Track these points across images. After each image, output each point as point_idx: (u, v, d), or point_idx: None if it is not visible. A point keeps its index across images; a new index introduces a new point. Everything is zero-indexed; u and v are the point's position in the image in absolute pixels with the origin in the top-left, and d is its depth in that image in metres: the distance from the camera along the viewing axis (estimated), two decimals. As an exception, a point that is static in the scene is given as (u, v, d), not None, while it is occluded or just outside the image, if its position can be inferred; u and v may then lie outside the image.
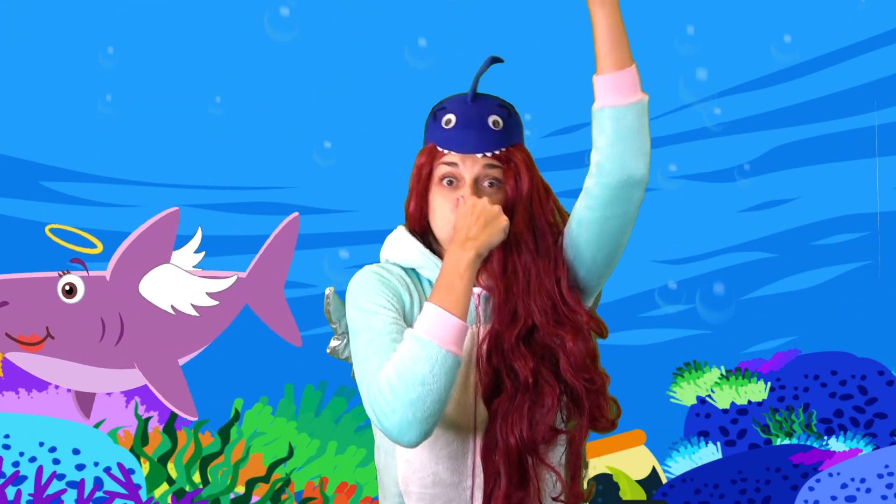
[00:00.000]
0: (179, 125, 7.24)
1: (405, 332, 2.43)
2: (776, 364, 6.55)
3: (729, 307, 7.33)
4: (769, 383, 6.41)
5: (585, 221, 2.55)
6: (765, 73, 7.60)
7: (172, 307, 5.23)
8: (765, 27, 7.53)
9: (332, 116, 7.34)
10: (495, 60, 2.64)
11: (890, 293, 7.28)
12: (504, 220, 2.50)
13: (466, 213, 2.48)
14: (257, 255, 5.56)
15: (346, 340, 2.77)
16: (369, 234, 7.24)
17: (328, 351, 2.83)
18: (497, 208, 2.49)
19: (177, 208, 5.28)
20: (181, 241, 5.49)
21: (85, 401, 5.18)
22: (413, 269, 2.63)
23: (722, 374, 6.53)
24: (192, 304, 5.29)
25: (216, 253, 5.75)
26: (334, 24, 7.40)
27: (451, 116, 2.58)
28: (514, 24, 7.33)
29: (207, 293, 5.33)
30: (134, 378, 5.18)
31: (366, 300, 2.54)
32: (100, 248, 5.28)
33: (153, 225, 5.25)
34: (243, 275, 5.50)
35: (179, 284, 5.27)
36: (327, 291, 2.79)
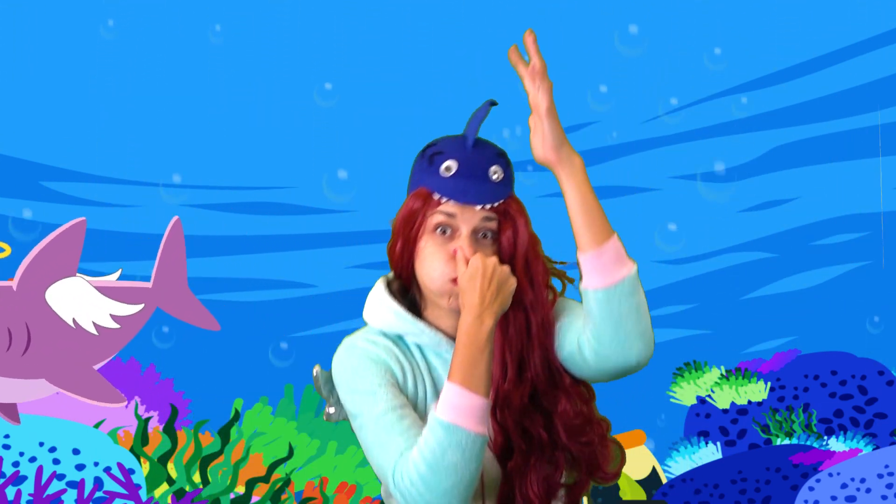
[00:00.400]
0: (178, 96, 7.26)
1: (430, 415, 2.33)
2: (776, 364, 6.55)
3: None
4: (769, 383, 6.41)
5: (577, 362, 2.45)
6: (765, 73, 7.61)
7: (74, 321, 5.20)
8: (764, 27, 7.54)
9: (332, 55, 7.33)
10: (492, 104, 2.50)
11: (891, 293, 7.29)
12: (514, 282, 2.39)
13: (476, 275, 2.37)
14: (155, 265, 5.52)
15: (340, 407, 2.71)
16: (370, 235, 7.26)
17: (325, 418, 2.79)
18: (506, 269, 2.38)
19: (83, 219, 5.23)
20: (186, 241, 5.48)
21: (8, 409, 5.16)
22: (399, 336, 2.50)
23: (722, 374, 6.53)
24: (94, 323, 5.26)
25: (216, 253, 5.76)
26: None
27: (452, 163, 2.44)
28: (513, 19, 7.34)
29: (111, 315, 5.30)
30: (44, 387, 5.14)
31: (362, 382, 2.43)
32: (7, 252, 5.27)
33: (60, 235, 5.20)
34: (148, 285, 5.48)
35: (84, 301, 5.24)
36: (315, 371, 2.72)
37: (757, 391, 6.38)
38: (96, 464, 4.92)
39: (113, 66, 7.22)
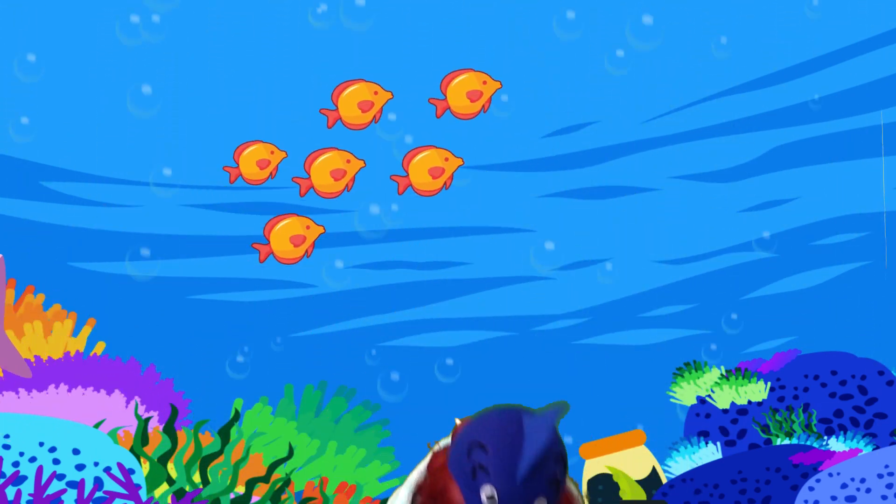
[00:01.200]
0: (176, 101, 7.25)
1: None
2: (776, 364, 6.55)
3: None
4: (769, 383, 6.41)
5: None
6: (765, 73, 7.61)
7: None
8: (763, 27, 7.54)
9: (335, 52, 7.31)
10: (565, 408, 2.33)
11: (891, 293, 7.29)
12: None
13: None
14: None
15: None
16: (389, 234, 7.25)
17: None
18: None
19: None
20: (187, 241, 5.50)
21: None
22: None
23: (722, 374, 6.53)
24: None
25: (217, 253, 5.75)
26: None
27: (493, 493, 2.24)
28: (514, 22, 7.33)
29: None
30: None
31: None
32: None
33: None
34: None
35: None
36: None
37: (757, 391, 6.38)
38: (96, 464, 4.92)
39: (112, 64, 7.23)
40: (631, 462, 6.19)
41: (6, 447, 4.93)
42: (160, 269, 6.63)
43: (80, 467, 4.89)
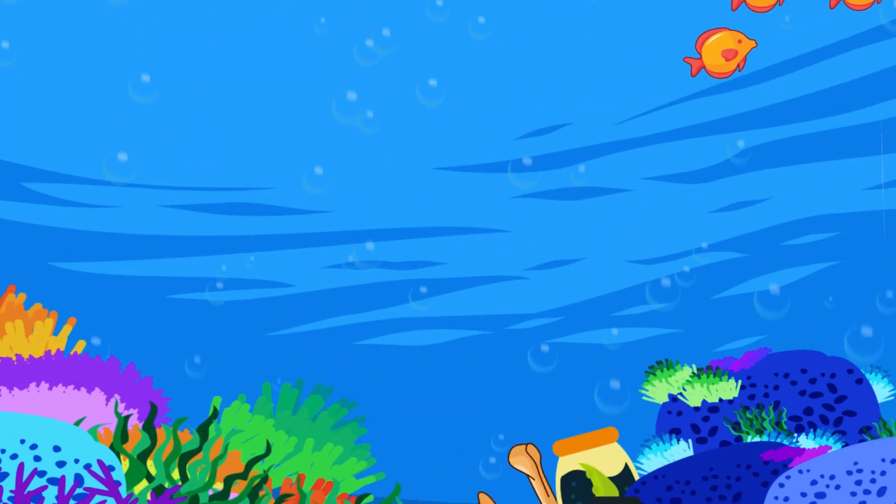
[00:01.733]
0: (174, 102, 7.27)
1: None
2: (747, 362, 6.60)
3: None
4: (740, 381, 6.46)
5: None
6: (737, 75, 7.68)
7: None
8: (740, 28, 7.60)
9: (314, 54, 7.35)
10: None
11: (861, 292, 7.35)
12: None
13: None
14: None
15: None
16: (347, 235, 7.30)
17: None
18: None
19: None
20: (166, 241, 5.53)
21: None
22: None
23: (693, 373, 6.58)
24: None
25: (215, 252, 5.78)
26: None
27: None
28: (511, 22, 7.37)
29: None
30: None
31: None
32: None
33: None
34: None
35: None
36: None
37: (728, 389, 6.43)
38: (77, 461, 4.94)
39: (95, 66, 7.24)
40: (604, 459, 6.23)
41: (-13, 445, 4.95)
42: (141, 268, 6.66)
43: (60, 464, 4.92)
